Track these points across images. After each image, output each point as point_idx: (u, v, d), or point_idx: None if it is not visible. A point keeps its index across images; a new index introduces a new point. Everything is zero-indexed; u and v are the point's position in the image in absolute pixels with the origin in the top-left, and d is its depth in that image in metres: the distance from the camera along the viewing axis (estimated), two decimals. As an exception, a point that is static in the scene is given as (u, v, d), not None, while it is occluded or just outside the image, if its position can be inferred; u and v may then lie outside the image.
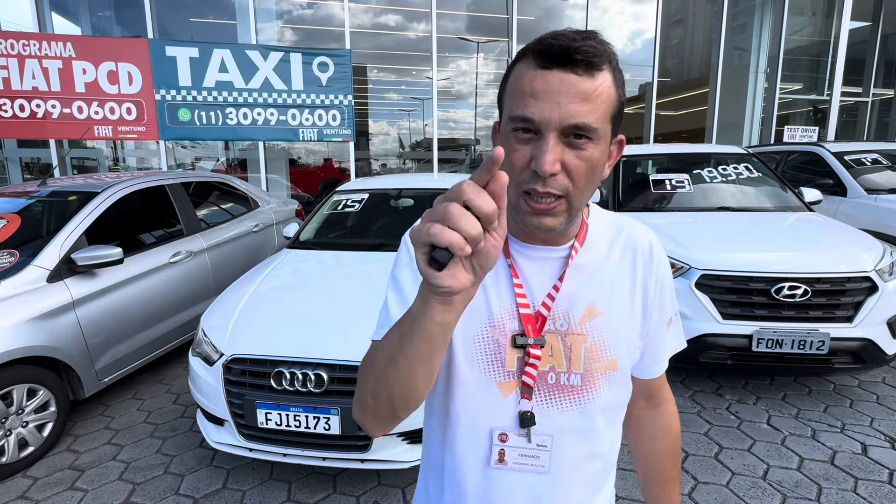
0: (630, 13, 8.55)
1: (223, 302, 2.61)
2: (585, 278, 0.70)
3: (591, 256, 0.71)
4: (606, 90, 0.58)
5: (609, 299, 0.70)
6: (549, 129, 0.56)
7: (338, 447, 2.08)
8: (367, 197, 3.67)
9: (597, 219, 0.74)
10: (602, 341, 0.69)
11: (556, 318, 0.68)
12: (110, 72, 4.80)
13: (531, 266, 0.70)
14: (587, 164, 0.58)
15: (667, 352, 0.79)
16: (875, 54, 9.23)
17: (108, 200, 3.11)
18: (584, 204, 0.65)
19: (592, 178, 0.61)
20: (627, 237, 0.74)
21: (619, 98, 0.61)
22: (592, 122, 0.56)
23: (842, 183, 4.47)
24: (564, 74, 0.56)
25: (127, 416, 2.90)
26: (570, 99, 0.56)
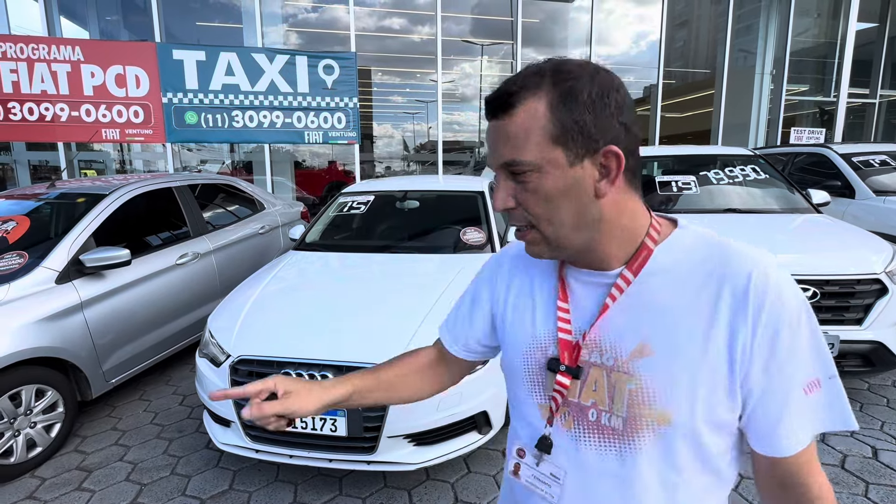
0: (635, 15, 8.55)
1: (230, 303, 2.62)
2: (640, 311, 0.62)
3: (654, 286, 0.62)
4: (529, 122, 0.58)
5: (668, 339, 0.60)
6: (496, 173, 0.63)
7: (344, 449, 2.07)
8: (372, 199, 3.68)
9: (677, 243, 0.63)
10: (652, 386, 0.60)
11: (603, 350, 0.63)
12: (118, 75, 4.85)
13: (582, 290, 0.67)
14: (537, 196, 0.60)
15: (800, 425, 0.58)
16: (882, 55, 9.17)
17: (116, 202, 3.13)
18: (572, 229, 0.61)
19: (557, 205, 0.60)
20: (716, 267, 0.60)
21: (559, 119, 0.57)
22: (519, 157, 0.59)
23: (850, 185, 4.44)
24: (493, 122, 0.62)
25: (134, 417, 2.92)
26: (498, 143, 0.61)
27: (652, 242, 0.63)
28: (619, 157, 0.59)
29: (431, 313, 2.32)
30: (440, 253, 3.11)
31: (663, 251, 0.63)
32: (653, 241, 0.63)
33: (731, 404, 0.58)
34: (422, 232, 3.51)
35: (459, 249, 3.13)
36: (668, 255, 0.63)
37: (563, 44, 8.74)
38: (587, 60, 0.61)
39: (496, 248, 3.11)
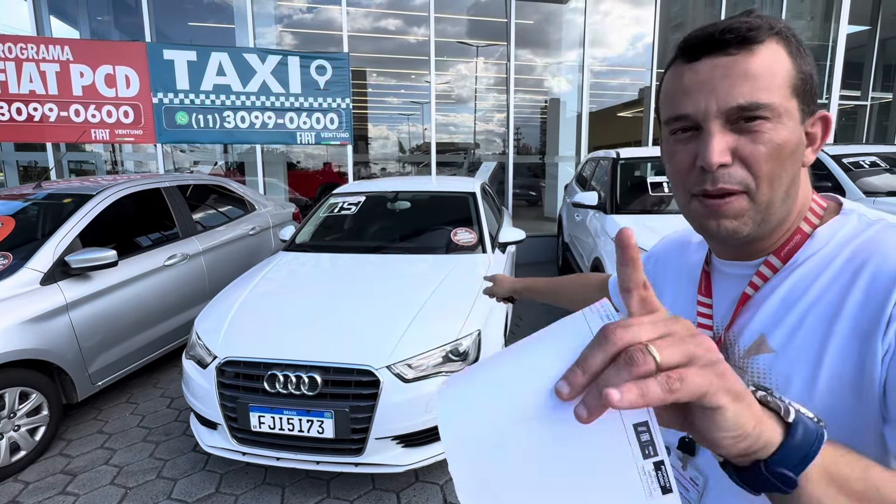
0: (629, 17, 8.57)
1: (217, 305, 2.59)
2: (770, 303, 0.55)
3: (798, 277, 0.54)
4: (774, 62, 0.50)
5: (791, 334, 0.52)
6: (709, 119, 0.51)
7: (331, 451, 2.06)
8: (363, 200, 3.66)
9: (835, 229, 0.54)
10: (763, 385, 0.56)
11: (728, 344, 0.58)
12: (108, 75, 4.81)
13: (725, 283, 0.61)
14: (769, 149, 0.50)
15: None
16: (874, 58, 9.25)
17: (103, 203, 3.10)
18: (781, 201, 0.53)
19: (783, 164, 0.51)
20: (861, 252, 0.51)
21: (800, 69, 0.51)
22: (761, 99, 0.49)
23: (840, 186, 4.46)
24: (716, 59, 0.51)
25: (120, 420, 2.88)
26: (727, 81, 0.50)
27: (808, 227, 0.55)
28: (829, 123, 0.54)
29: (421, 314, 2.31)
30: (431, 253, 3.10)
31: (818, 237, 0.54)
32: (810, 226, 0.56)
33: (859, 410, 0.48)
34: (413, 233, 3.50)
35: (450, 250, 3.12)
36: (821, 242, 0.54)
37: (558, 45, 8.76)
38: None
39: (486, 249, 3.10)
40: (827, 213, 0.57)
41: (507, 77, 7.42)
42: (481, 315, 2.37)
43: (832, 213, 0.57)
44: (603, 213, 3.94)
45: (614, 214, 3.83)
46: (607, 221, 3.75)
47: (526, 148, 9.17)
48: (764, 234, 0.55)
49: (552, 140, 8.80)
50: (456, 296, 2.49)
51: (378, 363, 2.04)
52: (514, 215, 6.74)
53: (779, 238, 0.56)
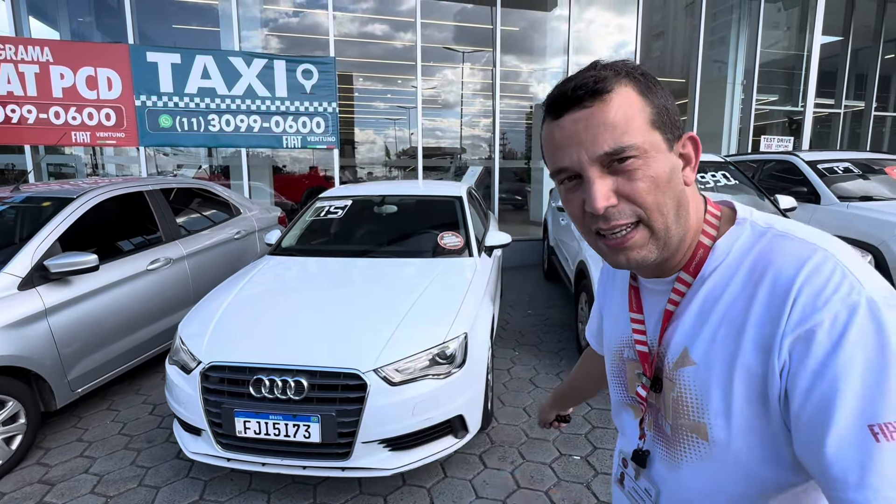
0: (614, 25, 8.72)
1: (202, 309, 2.57)
2: (691, 317, 0.58)
3: (704, 290, 0.58)
4: (627, 105, 0.54)
5: (709, 346, 0.56)
6: (585, 169, 0.55)
7: (318, 455, 2.05)
8: (350, 204, 3.66)
9: (732, 241, 0.58)
10: (688, 396, 0.57)
11: (660, 356, 0.62)
12: (89, 77, 4.73)
13: (651, 299, 0.65)
14: (646, 183, 0.54)
15: (856, 472, 0.43)
16: (846, 68, 9.55)
17: (83, 207, 3.05)
18: (675, 223, 0.56)
19: (664, 193, 0.54)
20: (756, 262, 0.54)
21: (653, 104, 0.55)
22: (624, 142, 0.53)
23: (815, 191, 4.59)
24: (576, 114, 0.55)
25: (101, 428, 2.82)
26: (590, 133, 0.54)
27: (708, 239, 0.59)
28: (697, 143, 0.58)
29: (407, 318, 2.31)
30: (418, 257, 3.11)
31: (718, 250, 0.58)
32: (709, 238, 0.59)
33: (768, 422, 0.51)
34: (399, 236, 3.50)
35: (437, 254, 3.13)
36: (722, 255, 0.57)
37: (543, 52, 8.87)
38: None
39: (473, 253, 3.12)
40: (722, 223, 0.61)
41: (493, 83, 7.49)
42: (468, 318, 2.39)
43: (727, 221, 0.61)
44: (587, 218, 3.99)
45: (598, 218, 3.88)
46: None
47: (512, 153, 9.25)
48: (669, 255, 0.59)
49: (537, 145, 8.89)
50: (443, 299, 2.50)
51: (365, 367, 2.05)
52: (501, 219, 6.78)
53: (684, 255, 0.60)
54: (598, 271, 3.37)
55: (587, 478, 2.30)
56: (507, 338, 4.08)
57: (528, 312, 4.72)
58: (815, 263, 0.49)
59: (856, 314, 0.46)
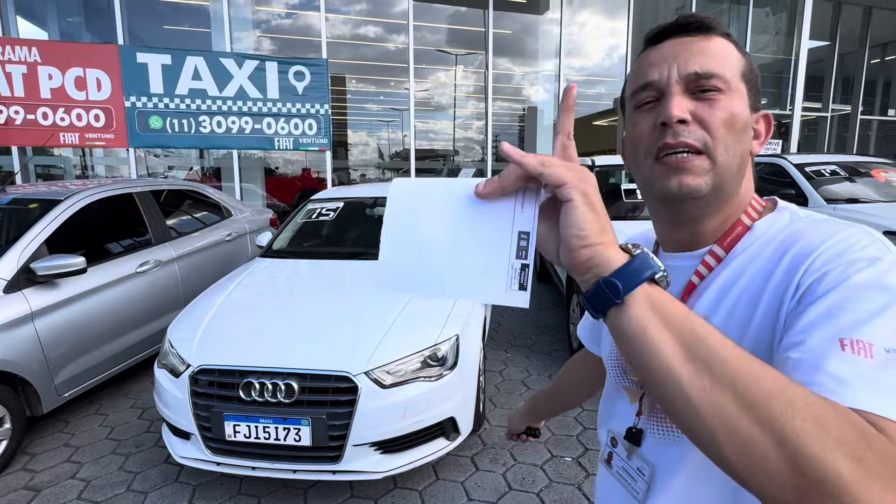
0: (606, 28, 8.79)
1: (191, 312, 2.55)
2: (714, 289, 0.57)
3: (735, 266, 0.57)
4: (727, 47, 0.56)
5: (727, 319, 0.55)
6: (670, 84, 0.55)
7: (309, 459, 2.04)
8: (341, 206, 3.65)
9: (771, 223, 0.58)
10: None
11: None
12: (77, 78, 4.68)
13: (672, 276, 0.62)
14: (723, 115, 0.54)
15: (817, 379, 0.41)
16: (833, 72, 9.70)
17: (71, 208, 3.01)
18: (734, 172, 0.56)
19: (736, 135, 0.55)
20: (786, 239, 0.54)
21: (748, 63, 0.57)
22: (717, 70, 0.54)
23: (803, 193, 4.65)
24: (677, 39, 0.57)
25: (88, 433, 2.79)
26: (686, 54, 0.55)
27: (748, 219, 0.59)
28: (771, 123, 0.59)
29: (398, 320, 2.31)
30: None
31: (757, 230, 0.58)
32: (750, 219, 0.59)
33: None
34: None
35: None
36: (759, 234, 0.57)
37: (535, 55, 8.92)
38: None
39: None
40: (765, 211, 0.61)
41: (485, 85, 7.51)
42: (459, 320, 2.39)
43: (769, 210, 0.61)
44: (579, 220, 4.01)
45: (590, 221, 3.90)
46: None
47: (504, 155, 9.28)
48: (717, 203, 0.58)
49: (530, 147, 8.93)
50: (434, 301, 2.50)
51: (356, 369, 2.04)
52: (493, 222, 6.80)
53: (721, 227, 0.60)
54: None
55: (578, 479, 2.31)
56: (499, 340, 4.09)
57: (520, 314, 4.73)
58: (849, 233, 0.49)
59: (875, 263, 0.45)
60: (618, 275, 0.42)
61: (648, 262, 0.43)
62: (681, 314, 0.41)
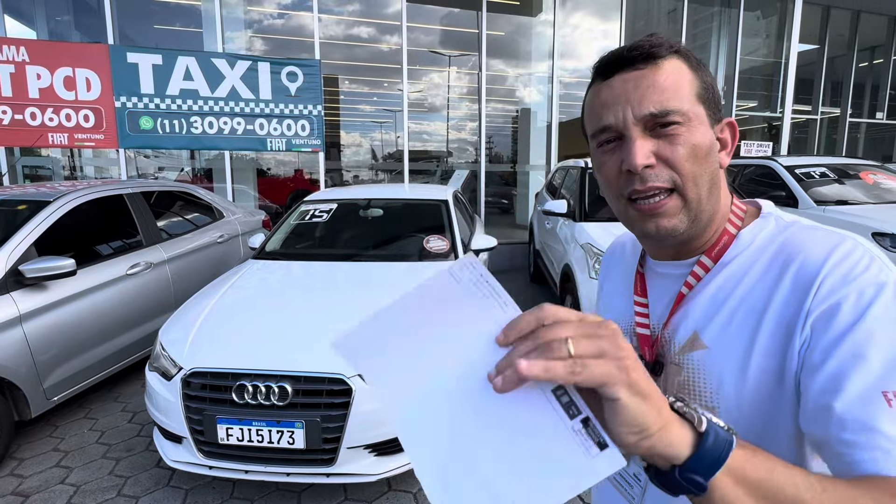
0: (599, 30, 8.83)
1: (183, 314, 2.52)
2: (702, 301, 0.58)
3: (723, 276, 0.58)
4: (678, 73, 0.55)
5: (722, 330, 0.55)
6: (628, 127, 0.55)
7: (302, 462, 2.02)
8: (335, 207, 3.64)
9: (757, 231, 0.58)
10: (697, 381, 0.56)
11: (664, 342, 0.61)
12: (67, 77, 4.63)
13: (660, 283, 0.65)
14: (686, 149, 0.54)
15: (864, 428, 0.43)
16: (822, 75, 9.82)
17: (60, 210, 2.98)
18: (707, 198, 0.56)
19: (702, 164, 0.55)
20: (784, 252, 0.54)
21: (702, 79, 0.57)
22: (672, 105, 0.54)
23: (793, 195, 4.70)
24: (626, 74, 0.56)
25: (78, 437, 2.75)
26: (638, 92, 0.55)
27: (733, 228, 0.59)
28: (736, 129, 0.58)
29: (393, 321, 2.30)
30: (403, 261, 3.10)
31: (743, 238, 0.58)
32: (734, 227, 0.59)
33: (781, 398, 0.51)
34: (385, 240, 3.49)
35: (423, 257, 3.13)
36: (746, 243, 0.58)
37: (528, 57, 8.94)
38: None
39: (459, 256, 3.13)
40: (748, 216, 0.61)
41: (479, 87, 7.53)
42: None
43: (752, 216, 0.61)
44: (572, 221, 4.03)
45: (583, 222, 3.92)
46: (576, 229, 3.84)
47: (498, 157, 9.29)
48: (697, 233, 0.59)
49: (523, 149, 8.95)
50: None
51: (350, 371, 2.03)
52: (487, 223, 6.82)
53: (708, 239, 0.60)
54: (583, 274, 3.39)
55: (573, 480, 2.31)
56: (493, 341, 4.08)
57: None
58: (845, 249, 0.50)
59: (883, 291, 0.46)
60: (694, 466, 0.38)
61: (719, 435, 0.39)
62: (766, 477, 0.39)
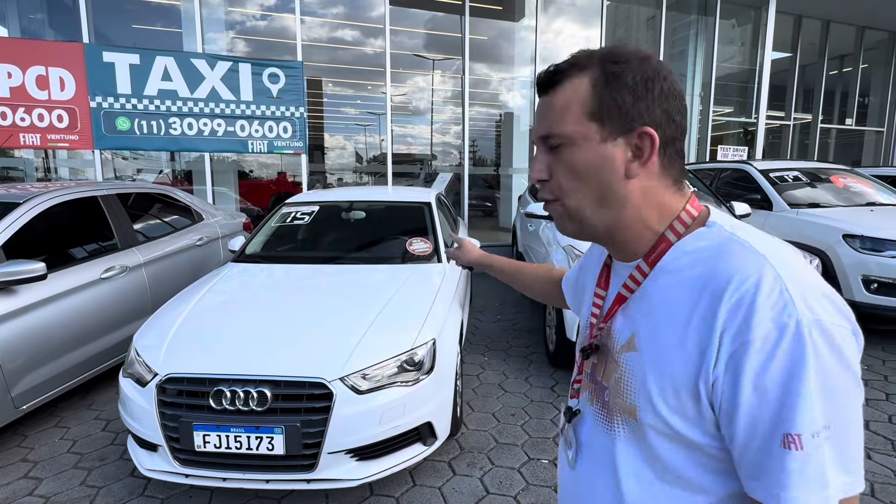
0: (581, 37, 8.95)
1: (159, 319, 2.47)
2: (641, 305, 0.62)
3: (660, 283, 0.61)
4: (571, 96, 0.61)
5: (652, 337, 0.59)
6: (537, 144, 0.66)
7: (282, 468, 1.99)
8: (317, 209, 3.61)
9: (695, 240, 0.60)
10: (626, 379, 0.61)
11: (611, 336, 0.66)
12: (39, 76, 4.50)
13: (615, 280, 0.71)
14: (566, 168, 0.62)
15: (776, 479, 0.49)
16: (795, 82, 10.12)
17: (31, 212, 2.89)
18: (593, 210, 0.62)
19: (583, 180, 0.61)
20: (706, 267, 0.56)
21: (603, 95, 0.59)
22: (555, 129, 0.62)
23: (768, 198, 4.82)
24: (541, 99, 0.66)
25: (48, 447, 2.66)
26: (541, 116, 0.65)
27: (674, 236, 0.61)
28: (654, 138, 0.59)
29: (374, 325, 2.29)
30: (386, 263, 3.09)
31: (680, 247, 0.60)
32: (675, 235, 0.61)
33: (699, 421, 0.55)
34: (368, 243, 3.47)
35: (406, 260, 3.12)
36: (683, 252, 0.60)
37: (511, 61, 9.02)
38: (640, 48, 0.61)
39: (442, 259, 3.12)
40: (695, 223, 0.62)
41: (462, 90, 7.56)
42: (436, 324, 2.38)
43: (700, 223, 0.62)
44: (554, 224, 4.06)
45: (565, 224, 3.95)
46: (558, 231, 3.87)
47: (482, 160, 9.33)
48: (596, 236, 0.66)
49: (506, 152, 9.01)
50: (411, 305, 2.49)
51: (331, 375, 2.01)
52: (470, 225, 6.83)
53: (646, 244, 0.63)
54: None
55: (555, 481, 2.32)
56: (476, 343, 4.09)
57: (498, 318, 4.75)
58: (755, 278, 0.51)
59: (784, 336, 0.48)
60: None
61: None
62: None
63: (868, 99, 11.38)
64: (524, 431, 2.75)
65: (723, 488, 0.57)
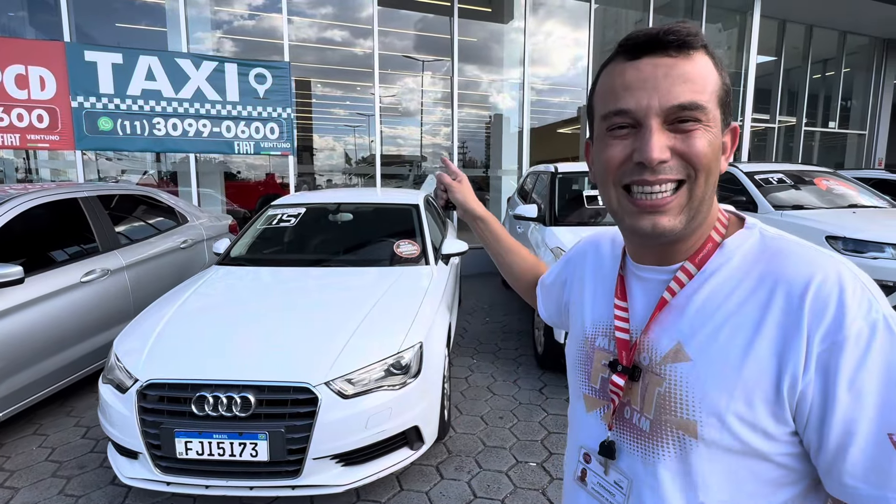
0: (571, 39, 9.00)
1: (140, 324, 2.42)
2: (686, 310, 0.57)
3: (708, 286, 0.56)
4: (707, 70, 0.53)
5: (708, 344, 0.54)
6: (650, 116, 0.52)
7: (266, 474, 1.96)
8: (303, 211, 3.57)
9: (741, 241, 0.57)
10: (679, 393, 0.55)
11: (643, 348, 0.60)
12: (18, 75, 4.40)
13: (641, 288, 0.63)
14: (702, 147, 0.52)
15: (876, 476, 0.47)
16: (779, 86, 10.28)
17: (8, 214, 2.81)
18: (707, 200, 0.55)
19: (712, 164, 0.54)
20: (770, 268, 0.53)
21: (724, 82, 0.55)
22: (699, 100, 0.52)
23: (753, 200, 4.88)
24: (657, 59, 0.53)
25: (26, 455, 2.59)
26: (668, 81, 0.52)
27: (717, 235, 0.58)
28: (737, 134, 0.57)
29: (360, 328, 2.26)
30: (373, 266, 3.06)
31: (727, 248, 0.57)
32: (719, 235, 0.58)
33: (774, 430, 0.50)
34: (355, 245, 3.44)
35: (393, 262, 3.09)
36: (731, 253, 0.56)
37: (501, 63, 9.04)
38: None
39: (430, 261, 3.11)
40: (730, 226, 0.60)
41: (451, 92, 7.56)
42: (423, 327, 2.37)
43: (735, 225, 0.60)
44: (542, 226, 4.07)
45: (553, 227, 3.96)
46: (546, 233, 3.88)
47: (471, 161, 9.34)
48: (686, 235, 0.58)
49: (496, 154, 9.02)
50: (398, 308, 2.47)
51: (316, 380, 1.98)
52: (459, 227, 6.82)
53: (693, 244, 0.59)
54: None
55: (542, 484, 2.32)
56: (465, 346, 4.08)
57: (487, 320, 4.74)
58: (836, 277, 0.49)
59: (876, 332, 0.47)
60: None
61: None
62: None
63: (850, 102, 11.59)
64: (512, 434, 2.74)
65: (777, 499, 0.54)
